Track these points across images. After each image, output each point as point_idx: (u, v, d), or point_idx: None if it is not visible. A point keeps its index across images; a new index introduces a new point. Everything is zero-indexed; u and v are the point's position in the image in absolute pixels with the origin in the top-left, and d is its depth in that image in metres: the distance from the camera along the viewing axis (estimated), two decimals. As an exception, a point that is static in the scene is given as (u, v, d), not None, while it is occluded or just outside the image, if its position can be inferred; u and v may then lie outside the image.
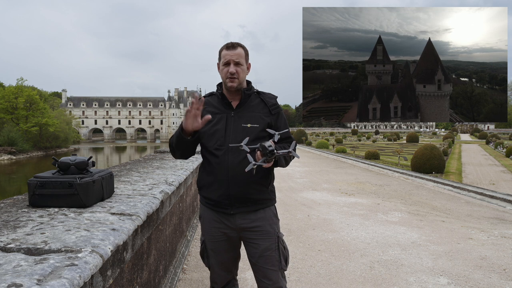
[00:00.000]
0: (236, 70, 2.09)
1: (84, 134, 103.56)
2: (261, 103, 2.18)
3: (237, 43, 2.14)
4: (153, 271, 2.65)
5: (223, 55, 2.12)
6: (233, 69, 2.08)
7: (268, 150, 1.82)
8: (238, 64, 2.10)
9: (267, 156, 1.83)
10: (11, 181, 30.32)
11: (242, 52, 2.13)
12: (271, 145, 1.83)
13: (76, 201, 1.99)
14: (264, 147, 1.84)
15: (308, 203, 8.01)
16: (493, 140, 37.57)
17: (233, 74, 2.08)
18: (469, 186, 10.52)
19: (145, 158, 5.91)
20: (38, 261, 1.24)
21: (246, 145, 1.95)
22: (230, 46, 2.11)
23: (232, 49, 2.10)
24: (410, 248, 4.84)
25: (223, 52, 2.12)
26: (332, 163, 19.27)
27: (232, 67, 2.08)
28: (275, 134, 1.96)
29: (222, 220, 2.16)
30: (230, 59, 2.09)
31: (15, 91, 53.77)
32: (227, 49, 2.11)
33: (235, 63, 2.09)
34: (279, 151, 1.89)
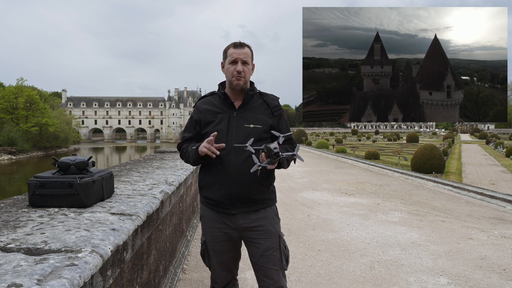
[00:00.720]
0: (243, 69, 2.08)
1: (84, 134, 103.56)
2: (264, 104, 2.18)
3: (244, 43, 2.13)
4: (153, 271, 2.65)
5: (230, 53, 2.10)
6: (240, 67, 2.07)
7: (273, 152, 1.81)
8: (245, 63, 2.10)
9: (272, 158, 1.83)
10: (11, 181, 30.32)
11: (249, 52, 2.13)
12: (276, 147, 1.83)
13: (76, 201, 1.99)
14: (269, 148, 1.83)
15: (308, 203, 8.01)
16: (493, 140, 37.57)
17: (240, 72, 2.07)
18: (469, 186, 10.52)
19: (145, 158, 5.91)
20: (38, 261, 1.24)
21: (251, 146, 1.94)
22: (238, 45, 2.10)
23: (240, 48, 2.09)
24: (410, 248, 4.84)
25: (230, 50, 2.11)
26: (332, 163, 19.27)
27: (240, 65, 2.08)
28: (279, 136, 1.95)
29: (223, 220, 2.16)
30: (237, 57, 2.08)
31: (15, 91, 53.77)
32: (235, 48, 2.10)
33: (243, 62, 2.09)
34: (284, 154, 1.89)
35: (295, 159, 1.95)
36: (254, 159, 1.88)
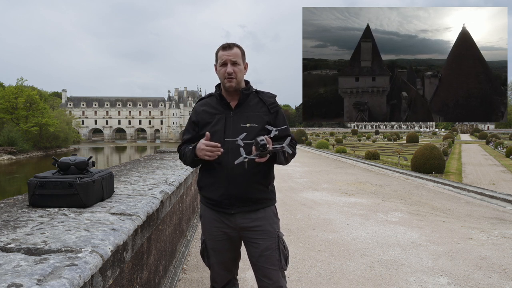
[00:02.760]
0: (234, 70, 2.09)
1: (84, 134, 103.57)
2: (260, 102, 2.18)
3: (233, 43, 2.14)
4: (153, 271, 2.65)
5: (219, 56, 2.13)
6: (230, 69, 2.09)
7: (260, 144, 1.83)
8: (235, 64, 2.11)
9: (260, 150, 1.84)
10: (11, 181, 30.32)
11: (239, 51, 2.13)
12: (263, 139, 1.85)
13: (76, 201, 1.99)
14: (257, 141, 1.85)
15: (308, 203, 8.01)
16: (493, 140, 37.57)
17: (230, 74, 2.09)
18: (469, 186, 10.52)
19: (145, 158, 5.91)
20: (38, 261, 1.24)
21: (242, 140, 1.95)
22: (226, 47, 2.12)
23: (229, 49, 2.11)
24: (410, 248, 4.84)
25: (220, 53, 2.13)
26: (332, 163, 19.27)
27: (230, 67, 2.09)
28: (272, 129, 1.97)
29: (223, 219, 2.16)
30: (226, 59, 2.09)
31: (15, 91, 53.78)
32: (223, 50, 2.11)
33: (232, 63, 2.10)
34: (274, 146, 1.90)
35: (284, 152, 1.96)
36: (241, 151, 1.90)
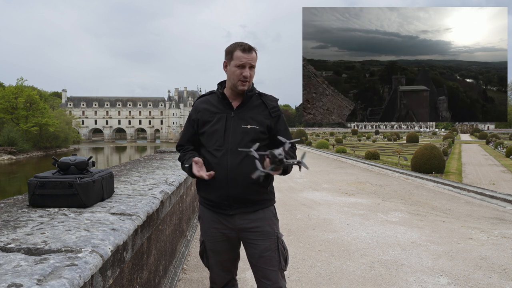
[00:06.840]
0: (250, 74, 2.08)
1: (84, 134, 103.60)
2: (262, 105, 2.16)
3: (252, 46, 2.11)
4: (153, 271, 2.65)
5: (238, 56, 2.07)
6: (247, 72, 2.06)
7: (277, 159, 1.78)
8: (252, 68, 2.09)
9: (276, 164, 1.79)
10: (11, 181, 30.32)
11: (256, 56, 2.12)
12: (281, 154, 1.79)
13: (76, 201, 1.99)
14: (274, 155, 1.79)
15: (308, 203, 8.01)
16: (493, 140, 37.57)
17: (246, 77, 2.07)
18: (469, 186, 10.52)
19: (145, 158, 5.91)
20: (38, 261, 1.24)
21: (256, 151, 1.90)
22: (247, 49, 2.07)
23: (249, 53, 2.07)
24: (410, 248, 4.84)
25: (239, 54, 2.07)
26: (332, 163, 19.27)
27: (247, 70, 2.06)
28: (286, 142, 1.90)
29: (221, 220, 2.16)
30: (246, 62, 2.06)
31: (15, 91, 53.82)
32: (243, 52, 2.06)
33: (250, 67, 2.08)
34: (289, 160, 1.83)
35: (300, 166, 1.88)
36: (257, 165, 1.83)
